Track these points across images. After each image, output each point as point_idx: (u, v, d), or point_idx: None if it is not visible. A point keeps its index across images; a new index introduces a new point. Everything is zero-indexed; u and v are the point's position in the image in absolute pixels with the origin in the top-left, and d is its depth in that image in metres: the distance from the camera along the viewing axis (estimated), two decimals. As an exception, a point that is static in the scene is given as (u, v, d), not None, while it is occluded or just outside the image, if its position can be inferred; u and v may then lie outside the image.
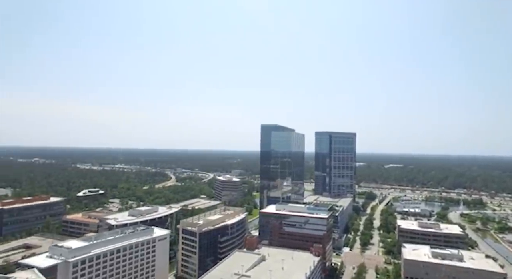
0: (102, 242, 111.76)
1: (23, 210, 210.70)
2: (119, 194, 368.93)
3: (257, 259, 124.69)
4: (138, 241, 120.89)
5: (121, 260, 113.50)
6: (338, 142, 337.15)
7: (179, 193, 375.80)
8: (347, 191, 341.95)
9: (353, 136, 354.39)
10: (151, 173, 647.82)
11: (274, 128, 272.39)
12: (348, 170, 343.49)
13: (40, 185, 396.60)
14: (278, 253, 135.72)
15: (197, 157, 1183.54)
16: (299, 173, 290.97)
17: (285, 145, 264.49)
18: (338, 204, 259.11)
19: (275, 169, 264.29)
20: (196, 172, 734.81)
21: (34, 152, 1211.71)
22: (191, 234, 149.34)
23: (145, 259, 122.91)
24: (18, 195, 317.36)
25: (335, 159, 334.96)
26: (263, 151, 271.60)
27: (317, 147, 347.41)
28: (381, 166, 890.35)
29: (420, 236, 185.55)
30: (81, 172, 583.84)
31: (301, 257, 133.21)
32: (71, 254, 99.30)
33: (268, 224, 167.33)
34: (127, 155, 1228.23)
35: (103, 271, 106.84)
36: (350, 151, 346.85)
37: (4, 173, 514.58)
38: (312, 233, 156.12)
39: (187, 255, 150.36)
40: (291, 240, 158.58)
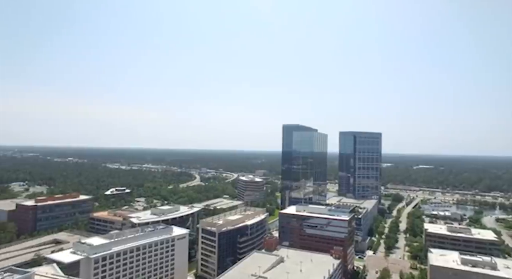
0: (123, 240, 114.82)
1: (54, 207, 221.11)
2: (145, 193, 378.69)
3: (275, 260, 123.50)
4: (158, 240, 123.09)
5: (141, 258, 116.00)
6: (363, 142, 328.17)
7: (202, 193, 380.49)
8: (372, 193, 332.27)
9: (379, 136, 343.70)
10: (176, 173, 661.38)
11: (295, 128, 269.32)
12: (373, 171, 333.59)
13: (72, 183, 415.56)
14: (297, 255, 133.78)
15: (222, 157, 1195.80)
16: (321, 173, 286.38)
17: (307, 145, 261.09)
18: (362, 205, 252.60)
19: (297, 169, 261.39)
20: (221, 172, 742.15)
21: (69, 152, 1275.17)
22: (210, 234, 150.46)
23: (164, 257, 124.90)
24: (52, 192, 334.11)
25: (359, 159, 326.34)
26: (284, 151, 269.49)
27: (341, 147, 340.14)
28: (409, 167, 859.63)
29: (449, 241, 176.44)
30: (110, 171, 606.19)
31: (320, 259, 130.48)
32: (93, 251, 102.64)
33: (288, 225, 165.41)
34: (154, 155, 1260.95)
35: (123, 268, 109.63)
36: (375, 152, 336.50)
37: (42, 171, 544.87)
38: (333, 235, 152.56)
39: (207, 254, 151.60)
40: (311, 242, 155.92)
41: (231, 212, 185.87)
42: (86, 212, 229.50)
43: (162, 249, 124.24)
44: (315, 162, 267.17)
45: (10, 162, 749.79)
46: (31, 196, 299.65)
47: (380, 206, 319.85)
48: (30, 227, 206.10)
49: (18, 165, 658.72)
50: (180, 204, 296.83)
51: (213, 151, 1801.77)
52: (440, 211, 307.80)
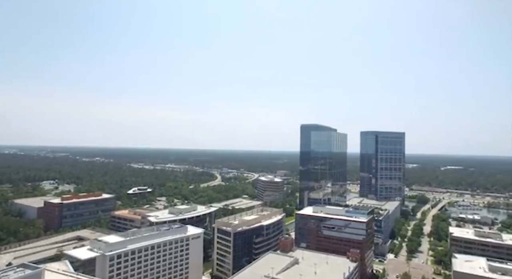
0: (138, 238, 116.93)
1: (79, 205, 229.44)
2: (166, 192, 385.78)
3: (290, 262, 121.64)
4: (172, 239, 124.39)
5: (156, 256, 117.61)
6: (385, 142, 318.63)
7: (222, 193, 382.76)
8: (395, 194, 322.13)
9: (402, 136, 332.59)
10: (198, 172, 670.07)
11: (314, 127, 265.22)
12: (396, 171, 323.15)
13: (98, 182, 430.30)
14: (313, 257, 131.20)
15: (244, 158, 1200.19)
16: (341, 174, 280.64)
17: (326, 145, 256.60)
18: (383, 207, 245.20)
19: (315, 170, 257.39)
20: (242, 172, 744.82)
21: (96, 152, 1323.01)
22: (225, 234, 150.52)
23: (179, 256, 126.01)
24: (78, 191, 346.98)
25: (381, 160, 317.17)
26: (302, 151, 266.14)
27: (362, 147, 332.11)
28: (436, 168, 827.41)
29: (476, 246, 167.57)
30: (133, 171, 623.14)
31: (336, 262, 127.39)
32: (108, 248, 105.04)
33: (304, 226, 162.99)
34: (178, 155, 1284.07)
35: (138, 265, 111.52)
36: (398, 152, 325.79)
37: (70, 171, 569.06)
38: (351, 238, 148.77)
39: (222, 254, 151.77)
40: (328, 243, 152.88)
41: (247, 212, 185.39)
42: (109, 210, 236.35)
43: (177, 248, 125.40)
44: (334, 162, 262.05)
45: (43, 161, 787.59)
46: (59, 194, 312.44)
47: (403, 208, 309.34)
48: (56, 224, 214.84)
49: (50, 164, 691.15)
50: (200, 203, 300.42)
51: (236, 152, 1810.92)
52: (468, 215, 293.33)
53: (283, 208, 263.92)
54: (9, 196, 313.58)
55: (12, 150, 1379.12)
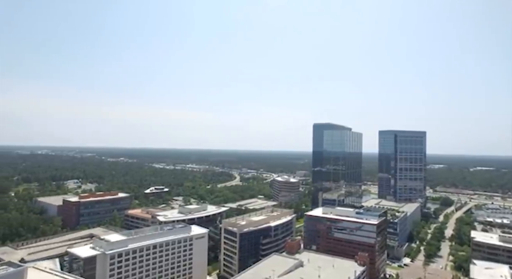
0: (140, 237, 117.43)
1: (95, 203, 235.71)
2: (184, 192, 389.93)
3: (293, 264, 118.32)
4: (175, 238, 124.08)
5: (158, 256, 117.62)
6: (405, 142, 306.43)
7: (238, 193, 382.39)
8: (417, 195, 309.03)
9: (422, 135, 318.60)
10: (217, 172, 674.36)
11: (326, 127, 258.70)
12: (417, 172, 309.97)
13: (118, 182, 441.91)
14: (319, 260, 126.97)
15: (264, 158, 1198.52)
16: (356, 174, 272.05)
17: (339, 145, 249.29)
18: (401, 209, 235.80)
19: (328, 170, 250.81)
20: (261, 172, 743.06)
21: (121, 153, 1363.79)
22: (231, 234, 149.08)
23: (182, 256, 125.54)
24: (99, 190, 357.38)
25: (401, 160, 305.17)
26: (315, 151, 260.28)
27: (380, 147, 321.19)
28: (464, 169, 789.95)
29: (501, 252, 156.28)
30: (154, 170, 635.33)
31: (343, 265, 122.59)
32: (109, 247, 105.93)
33: (313, 228, 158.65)
34: (199, 156, 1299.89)
35: (139, 265, 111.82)
36: (419, 152, 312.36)
37: (94, 170, 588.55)
38: (361, 240, 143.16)
39: (228, 255, 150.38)
40: (337, 246, 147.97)
41: (256, 213, 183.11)
42: (124, 209, 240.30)
43: (180, 247, 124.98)
44: (349, 162, 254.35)
45: (70, 162, 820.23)
46: (82, 193, 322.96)
47: (425, 210, 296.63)
48: (74, 222, 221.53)
49: (76, 164, 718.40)
50: (215, 203, 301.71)
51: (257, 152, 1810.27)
52: (497, 218, 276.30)
53: (298, 209, 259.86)
54: (35, 194, 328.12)
55: (44, 150, 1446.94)
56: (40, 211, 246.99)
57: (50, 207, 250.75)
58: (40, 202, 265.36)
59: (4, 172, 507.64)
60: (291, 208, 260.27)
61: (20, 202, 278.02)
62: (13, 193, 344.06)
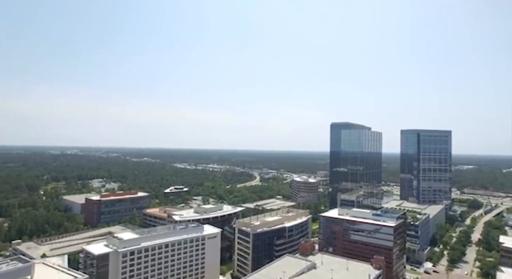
0: (153, 236, 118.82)
1: (115, 202, 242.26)
2: (203, 191, 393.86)
3: (306, 266, 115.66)
4: (187, 238, 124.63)
5: (170, 255, 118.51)
6: (428, 141, 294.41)
7: (257, 193, 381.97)
8: (442, 197, 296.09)
9: (448, 134, 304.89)
10: (238, 173, 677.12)
11: (344, 126, 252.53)
12: (442, 173, 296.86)
13: (140, 181, 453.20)
14: (333, 262, 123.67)
15: (285, 158, 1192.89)
16: (375, 174, 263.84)
17: (357, 144, 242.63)
18: (424, 211, 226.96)
19: (346, 171, 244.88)
20: (282, 172, 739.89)
21: (145, 153, 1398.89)
22: (245, 234, 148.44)
23: (194, 256, 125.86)
24: (121, 189, 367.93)
25: (424, 160, 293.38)
26: (332, 151, 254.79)
27: (402, 147, 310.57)
28: (496, 170, 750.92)
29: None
30: (175, 170, 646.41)
31: (358, 268, 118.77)
32: (122, 245, 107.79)
33: (328, 229, 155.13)
34: (221, 156, 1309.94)
35: (151, 263, 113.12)
36: (444, 152, 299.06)
37: (118, 170, 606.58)
38: (378, 243, 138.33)
39: (242, 255, 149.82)
40: (353, 248, 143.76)
41: (271, 213, 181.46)
42: (143, 208, 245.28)
43: (192, 247, 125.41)
44: (368, 162, 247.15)
45: (96, 161, 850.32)
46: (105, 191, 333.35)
47: (450, 212, 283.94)
48: (95, 220, 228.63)
49: (102, 164, 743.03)
50: (234, 203, 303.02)
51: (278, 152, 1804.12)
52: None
53: (317, 210, 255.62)
54: (62, 193, 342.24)
55: (74, 151, 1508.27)
56: (65, 209, 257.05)
57: (74, 205, 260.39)
58: (65, 200, 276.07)
59: (36, 171, 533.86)
60: (310, 208, 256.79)
61: (48, 200, 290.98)
62: (42, 191, 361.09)
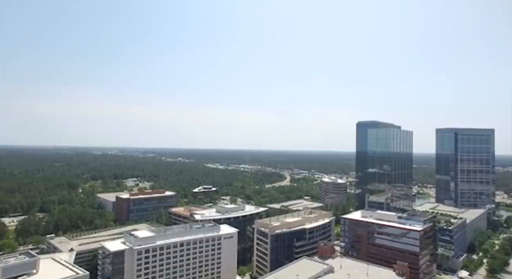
0: (168, 234, 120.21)
1: (144, 200, 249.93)
2: (232, 191, 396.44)
3: (322, 269, 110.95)
4: (203, 237, 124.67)
5: (185, 253, 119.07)
6: (467, 141, 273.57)
7: (285, 193, 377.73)
8: (484, 201, 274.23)
9: (490, 133, 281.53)
10: (268, 173, 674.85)
11: (371, 125, 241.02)
12: (484, 174, 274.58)
13: (171, 180, 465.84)
14: (353, 266, 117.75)
15: (318, 158, 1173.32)
16: (405, 175, 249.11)
17: (385, 144, 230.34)
18: (461, 215, 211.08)
19: (373, 171, 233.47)
20: (313, 173, 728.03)
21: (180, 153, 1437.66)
22: (263, 235, 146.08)
23: (210, 255, 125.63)
24: (153, 188, 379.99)
25: (462, 161, 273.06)
26: (359, 151, 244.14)
27: (438, 146, 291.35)
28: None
29: None
30: (207, 170, 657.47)
31: (379, 274, 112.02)
32: (137, 243, 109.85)
33: (351, 232, 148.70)
34: (254, 156, 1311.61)
35: (166, 261, 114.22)
36: (486, 152, 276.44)
37: (151, 169, 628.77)
38: (404, 248, 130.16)
39: (261, 256, 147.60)
40: (377, 253, 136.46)
41: (292, 214, 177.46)
42: (171, 206, 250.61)
43: (208, 246, 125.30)
44: (397, 162, 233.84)
45: (133, 161, 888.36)
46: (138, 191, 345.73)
47: (494, 217, 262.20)
48: (125, 217, 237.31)
49: (137, 164, 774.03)
50: (261, 203, 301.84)
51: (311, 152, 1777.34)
52: None
53: (345, 212, 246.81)
54: (98, 191, 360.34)
55: (114, 151, 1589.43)
56: (98, 206, 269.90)
57: (107, 203, 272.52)
58: (99, 198, 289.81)
59: (77, 170, 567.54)
60: (338, 210, 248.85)
61: (84, 197, 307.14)
62: (81, 189, 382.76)
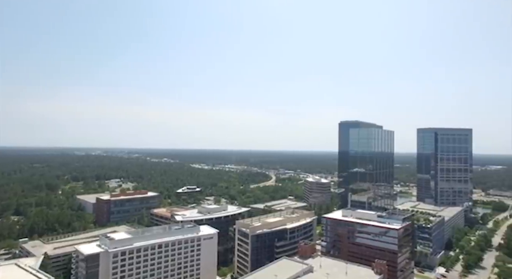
0: (146, 236, 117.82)
1: (125, 201, 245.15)
2: (216, 192, 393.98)
3: (302, 269, 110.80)
4: (182, 238, 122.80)
5: (163, 255, 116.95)
6: (447, 140, 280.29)
7: (270, 193, 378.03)
8: (462, 199, 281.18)
9: (468, 133, 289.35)
10: (253, 173, 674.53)
11: (353, 125, 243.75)
12: (462, 173, 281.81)
13: (155, 181, 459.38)
14: (332, 266, 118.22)
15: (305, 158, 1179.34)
16: (387, 175, 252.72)
17: (367, 144, 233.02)
18: (440, 213, 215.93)
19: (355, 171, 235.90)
20: (298, 173, 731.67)
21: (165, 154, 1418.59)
22: (244, 236, 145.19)
23: (189, 257, 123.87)
24: (136, 188, 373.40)
25: (442, 160, 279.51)
26: (341, 151, 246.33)
27: (419, 146, 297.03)
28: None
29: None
30: (192, 171, 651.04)
31: (358, 273, 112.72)
32: (113, 245, 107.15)
33: (332, 232, 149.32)
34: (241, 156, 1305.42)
35: (144, 264, 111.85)
36: (464, 151, 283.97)
37: (136, 170, 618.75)
38: (383, 246, 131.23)
39: (242, 256, 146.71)
40: (358, 252, 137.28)
41: (274, 214, 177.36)
42: (153, 207, 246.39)
43: (187, 248, 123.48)
44: (378, 162, 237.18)
45: (117, 162, 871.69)
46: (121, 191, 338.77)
47: (471, 215, 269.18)
48: (106, 219, 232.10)
49: (121, 164, 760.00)
50: (245, 203, 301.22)
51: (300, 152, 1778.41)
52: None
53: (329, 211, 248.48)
54: (79, 192, 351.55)
55: (98, 151, 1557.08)
56: (78, 208, 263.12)
57: (87, 205, 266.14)
58: (79, 200, 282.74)
59: (58, 171, 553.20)
60: (321, 209, 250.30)
61: (63, 199, 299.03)
62: (61, 190, 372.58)
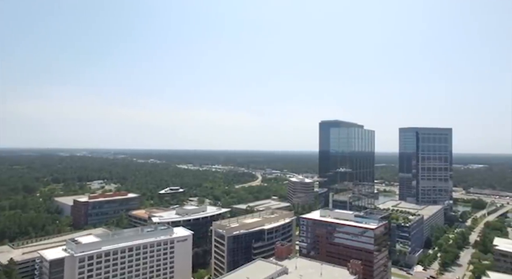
0: (116, 239, 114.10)
1: (104, 203, 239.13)
2: (200, 192, 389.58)
3: (276, 271, 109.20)
4: (154, 241, 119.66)
5: (134, 259, 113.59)
6: (428, 140, 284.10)
7: (254, 194, 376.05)
8: (443, 197, 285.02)
9: (448, 132, 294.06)
10: (239, 173, 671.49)
11: (334, 124, 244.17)
12: (442, 172, 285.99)
13: (139, 182, 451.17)
14: (308, 266, 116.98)
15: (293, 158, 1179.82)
16: (368, 174, 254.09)
17: (348, 143, 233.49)
18: (420, 212, 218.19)
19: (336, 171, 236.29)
20: (285, 173, 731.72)
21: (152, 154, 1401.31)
22: (220, 237, 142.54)
23: (162, 260, 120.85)
24: (118, 190, 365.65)
25: (423, 159, 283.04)
26: (321, 150, 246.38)
27: (401, 145, 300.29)
28: (508, 169, 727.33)
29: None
30: (177, 171, 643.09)
31: (332, 273, 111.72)
32: (80, 249, 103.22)
33: (309, 232, 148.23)
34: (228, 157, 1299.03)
35: (113, 268, 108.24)
36: (444, 150, 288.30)
37: (119, 171, 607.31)
38: (360, 246, 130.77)
39: (218, 258, 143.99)
40: (336, 252, 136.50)
41: (253, 215, 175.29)
42: (133, 209, 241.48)
43: (160, 250, 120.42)
44: (359, 161, 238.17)
45: (102, 163, 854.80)
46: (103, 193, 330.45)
47: (451, 213, 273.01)
48: (83, 221, 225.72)
49: (106, 165, 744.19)
50: (229, 204, 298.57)
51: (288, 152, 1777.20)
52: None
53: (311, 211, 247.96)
54: (58, 194, 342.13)
55: (83, 152, 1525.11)
56: (56, 211, 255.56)
57: (65, 207, 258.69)
58: (57, 202, 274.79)
59: (38, 173, 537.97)
60: (304, 209, 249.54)
61: (40, 202, 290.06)
62: (39, 193, 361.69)
